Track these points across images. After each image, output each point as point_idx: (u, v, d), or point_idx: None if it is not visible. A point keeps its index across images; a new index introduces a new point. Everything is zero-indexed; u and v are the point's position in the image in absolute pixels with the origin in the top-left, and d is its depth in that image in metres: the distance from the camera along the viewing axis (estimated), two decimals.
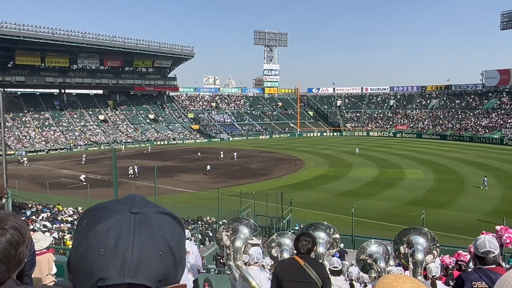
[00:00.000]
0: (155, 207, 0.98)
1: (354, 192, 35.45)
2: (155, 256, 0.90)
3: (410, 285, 1.22)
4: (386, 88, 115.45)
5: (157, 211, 0.97)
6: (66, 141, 75.12)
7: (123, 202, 0.98)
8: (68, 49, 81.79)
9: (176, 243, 0.95)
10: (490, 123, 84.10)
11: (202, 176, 44.46)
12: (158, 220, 0.94)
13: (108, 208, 0.95)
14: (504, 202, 30.94)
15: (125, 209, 0.94)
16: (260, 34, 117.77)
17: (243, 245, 4.69)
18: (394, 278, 1.27)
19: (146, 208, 0.96)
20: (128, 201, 0.98)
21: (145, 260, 0.88)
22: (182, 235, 1.00)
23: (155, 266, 0.89)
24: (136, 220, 0.91)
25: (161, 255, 0.91)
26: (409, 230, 4.18)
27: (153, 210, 0.96)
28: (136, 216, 0.92)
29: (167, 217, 0.98)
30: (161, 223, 0.94)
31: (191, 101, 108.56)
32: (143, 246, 0.89)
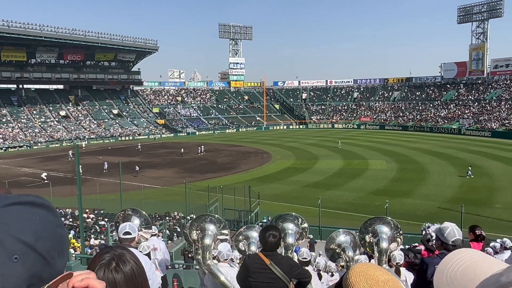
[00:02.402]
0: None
1: (320, 183, 35.98)
2: (10, 262, 0.73)
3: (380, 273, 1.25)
4: (350, 81, 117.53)
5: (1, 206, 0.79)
6: (25, 138, 72.41)
7: None
8: (25, 42, 78.60)
9: (34, 235, 0.78)
10: (448, 114, 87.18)
11: (168, 171, 43.97)
12: (3, 218, 0.77)
13: None
14: (462, 189, 32.23)
15: None
16: (225, 27, 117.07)
17: (213, 242, 4.68)
18: (366, 266, 1.30)
19: None
20: None
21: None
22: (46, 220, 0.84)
23: (14, 274, 0.73)
24: None
25: (18, 259, 0.74)
26: (373, 220, 4.29)
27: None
28: None
29: (17, 208, 0.81)
30: (7, 221, 0.77)
31: (156, 95, 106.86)
32: None
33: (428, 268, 3.59)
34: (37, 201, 0.86)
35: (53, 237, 0.83)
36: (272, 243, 3.63)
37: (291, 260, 3.90)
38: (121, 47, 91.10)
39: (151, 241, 6.81)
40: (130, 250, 1.43)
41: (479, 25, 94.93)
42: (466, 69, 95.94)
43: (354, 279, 1.24)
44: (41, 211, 0.84)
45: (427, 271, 3.58)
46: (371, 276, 1.24)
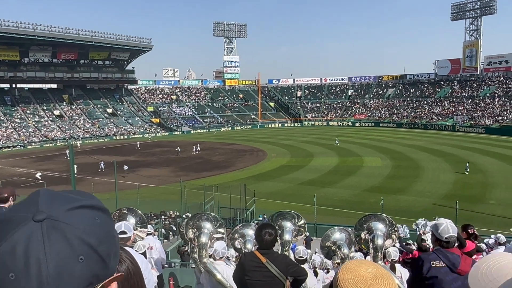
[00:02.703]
0: (64, 204, 0.86)
1: (315, 181, 36.04)
2: (76, 263, 0.80)
3: (372, 270, 1.26)
4: (345, 79, 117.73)
5: (68, 209, 0.85)
6: (19, 138, 71.97)
7: (24, 207, 0.84)
8: (18, 41, 78.04)
9: (97, 239, 0.84)
10: (442, 110, 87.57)
11: (163, 170, 43.89)
12: (70, 220, 0.83)
13: (9, 221, 0.82)
14: (457, 186, 32.40)
15: (28, 217, 0.81)
16: (219, 25, 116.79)
17: (209, 241, 4.68)
18: (357, 263, 1.30)
19: (54, 208, 0.83)
20: (31, 204, 0.84)
21: (65, 271, 0.78)
22: (106, 224, 0.90)
23: (79, 273, 0.79)
24: (44, 228, 0.79)
25: (83, 259, 0.81)
26: (368, 217, 4.31)
27: (62, 209, 0.84)
28: (43, 223, 0.80)
29: (82, 211, 0.86)
30: (74, 223, 0.83)
31: (150, 94, 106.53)
32: (58, 257, 0.78)
33: (424, 264, 3.61)
34: (97, 204, 0.91)
35: (110, 240, 0.89)
36: (268, 241, 3.63)
37: (287, 258, 3.90)
38: (115, 45, 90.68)
39: (146, 240, 6.81)
40: (125, 250, 1.43)
41: (472, 22, 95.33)
42: (460, 66, 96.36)
43: (342, 282, 1.25)
44: (101, 214, 0.90)
45: (423, 267, 3.60)
46: (358, 276, 1.24)
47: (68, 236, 0.80)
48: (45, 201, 0.85)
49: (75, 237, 0.81)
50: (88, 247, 0.82)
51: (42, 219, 0.80)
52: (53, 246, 0.78)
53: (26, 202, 0.87)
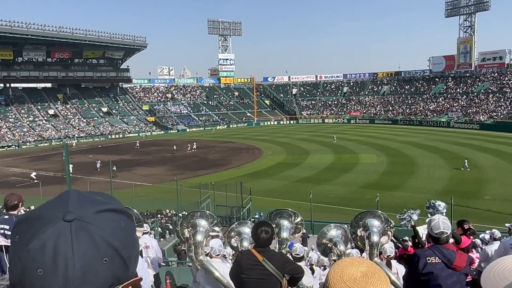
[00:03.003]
0: (93, 206, 0.89)
1: (311, 178, 36.09)
2: (100, 264, 0.83)
3: (363, 268, 1.25)
4: (340, 76, 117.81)
5: (96, 211, 0.88)
6: (13, 138, 71.58)
7: (55, 206, 0.88)
8: (12, 40, 77.48)
9: (121, 242, 0.87)
10: (437, 107, 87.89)
11: (159, 168, 43.80)
12: (98, 222, 0.86)
13: (40, 219, 0.85)
14: (452, 182, 32.55)
15: (58, 217, 0.84)
16: (214, 23, 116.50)
17: (204, 239, 4.67)
18: (349, 261, 1.29)
19: (83, 209, 0.87)
20: (61, 204, 0.88)
21: (91, 271, 0.81)
22: (129, 229, 0.93)
23: (102, 274, 0.83)
24: (73, 228, 0.83)
25: (107, 261, 0.84)
26: (364, 214, 4.32)
27: (90, 211, 0.87)
28: (72, 224, 0.83)
29: (109, 214, 0.89)
30: (101, 225, 0.86)
31: (145, 92, 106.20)
32: (85, 257, 0.81)
33: (420, 260, 3.62)
34: (122, 208, 0.94)
35: (132, 243, 0.92)
36: (265, 239, 3.63)
37: (284, 256, 3.89)
38: (110, 44, 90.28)
39: (143, 239, 6.80)
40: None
41: (466, 18, 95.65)
42: (454, 62, 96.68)
43: (331, 281, 1.24)
44: (125, 219, 0.93)
45: (418, 263, 3.62)
46: (348, 275, 1.23)
47: (95, 237, 0.83)
48: (74, 202, 0.88)
49: (101, 239, 0.84)
50: (113, 249, 0.85)
51: (72, 219, 0.83)
52: (81, 246, 0.81)
53: (56, 201, 0.90)
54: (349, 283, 1.21)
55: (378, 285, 1.21)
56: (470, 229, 7.36)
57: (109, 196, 0.97)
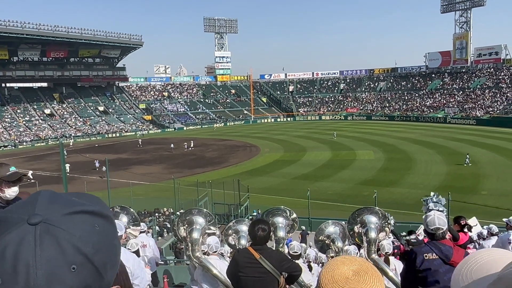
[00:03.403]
0: (64, 207, 0.80)
1: (309, 175, 36.12)
2: (67, 272, 0.74)
3: (356, 267, 1.22)
4: (336, 73, 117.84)
5: (66, 213, 0.79)
6: (10, 138, 71.29)
7: (21, 208, 0.80)
8: (7, 40, 77.01)
9: (93, 247, 0.78)
10: (434, 103, 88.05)
11: (156, 167, 43.73)
12: (66, 225, 0.77)
13: (3, 222, 0.77)
14: (449, 177, 32.64)
15: (22, 219, 0.76)
16: (210, 21, 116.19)
17: (201, 236, 4.66)
18: (340, 260, 1.27)
19: (51, 211, 0.78)
20: (28, 206, 0.79)
21: (55, 279, 0.73)
22: (107, 232, 0.84)
23: (70, 283, 0.74)
24: (37, 232, 0.74)
25: (75, 269, 0.75)
26: (361, 210, 4.31)
27: (60, 212, 0.79)
28: (37, 227, 0.75)
29: (81, 216, 0.80)
30: (70, 229, 0.77)
31: (142, 91, 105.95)
32: (49, 264, 0.73)
33: (417, 256, 3.61)
34: (100, 211, 0.85)
35: (109, 249, 0.83)
36: (262, 237, 3.61)
37: (281, 254, 3.88)
38: (105, 43, 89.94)
39: (140, 238, 6.78)
40: None
41: (462, 14, 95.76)
42: (450, 58, 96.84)
43: (323, 281, 1.22)
44: (103, 222, 0.84)
45: (416, 260, 3.61)
46: (339, 274, 1.21)
47: (61, 242, 0.75)
48: (43, 203, 0.80)
49: (69, 244, 0.76)
50: (83, 255, 0.77)
51: (37, 222, 0.76)
52: (45, 252, 0.73)
53: (24, 202, 0.82)
54: (340, 283, 1.19)
55: (371, 282, 1.18)
56: (466, 225, 7.38)
57: (91, 196, 0.89)
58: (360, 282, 1.18)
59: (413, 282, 3.69)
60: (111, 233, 0.86)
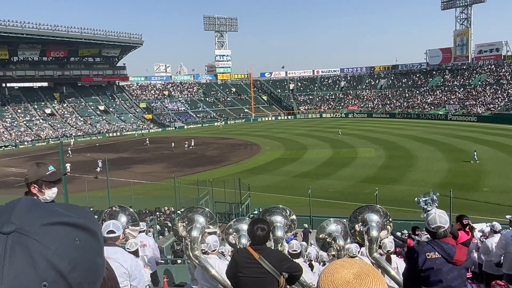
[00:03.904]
0: (43, 217, 0.72)
1: (310, 173, 36.06)
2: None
3: (356, 270, 1.17)
4: (337, 70, 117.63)
5: (44, 223, 0.71)
6: (10, 138, 71.32)
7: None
8: (7, 40, 76.99)
9: (69, 263, 0.69)
10: (435, 100, 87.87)
11: (157, 166, 43.70)
12: (42, 237, 0.69)
13: None
14: (450, 174, 32.56)
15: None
16: (210, 19, 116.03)
17: (200, 235, 4.60)
18: (339, 264, 1.22)
19: (28, 220, 0.70)
20: (4, 213, 0.71)
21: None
22: (87, 248, 0.74)
23: None
24: (9, 242, 0.66)
25: (46, 286, 0.66)
26: (363, 209, 4.25)
27: (38, 223, 0.70)
28: (9, 237, 0.67)
29: (60, 228, 0.71)
30: (45, 242, 0.68)
31: (142, 90, 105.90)
32: (16, 279, 0.64)
33: (419, 256, 3.55)
34: (83, 224, 0.76)
35: (89, 267, 0.74)
36: (261, 237, 3.55)
37: (281, 254, 3.82)
38: (105, 42, 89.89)
39: (139, 237, 6.73)
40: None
41: (462, 10, 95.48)
42: (451, 55, 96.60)
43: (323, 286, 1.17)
44: (85, 236, 0.75)
45: (418, 259, 3.55)
46: (340, 279, 1.17)
47: (34, 255, 0.67)
48: (21, 211, 0.72)
49: (42, 258, 0.67)
50: (56, 272, 0.68)
51: (10, 232, 0.68)
52: (14, 265, 0.65)
53: (2, 209, 0.74)
54: (341, 287, 1.15)
55: (373, 286, 1.15)
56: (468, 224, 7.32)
57: (80, 209, 0.81)
58: (362, 285, 1.13)
59: (415, 281, 3.63)
60: (94, 250, 0.76)
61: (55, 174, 3.12)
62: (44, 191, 3.08)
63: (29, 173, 3.10)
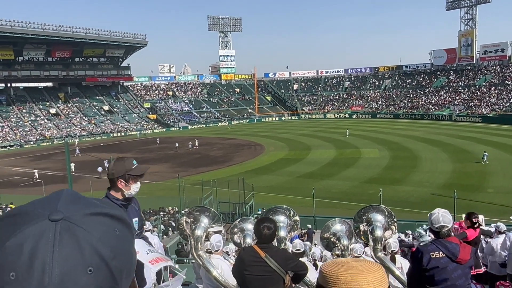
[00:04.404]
0: (85, 208, 0.78)
1: (314, 173, 36.03)
2: (83, 274, 0.71)
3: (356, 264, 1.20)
4: (341, 71, 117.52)
5: (88, 213, 0.77)
6: (15, 138, 71.70)
7: (44, 204, 0.77)
8: (12, 40, 77.49)
9: (111, 251, 0.75)
10: (439, 100, 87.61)
11: (161, 166, 43.78)
12: (87, 225, 0.75)
13: (24, 215, 0.75)
14: (455, 175, 32.45)
15: (43, 215, 0.74)
16: (214, 20, 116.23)
17: (204, 234, 4.64)
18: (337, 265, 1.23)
19: (73, 210, 0.76)
20: (51, 202, 0.77)
21: (71, 280, 0.69)
22: (125, 238, 0.81)
23: (83, 286, 0.71)
24: (57, 229, 0.72)
25: (92, 271, 0.72)
26: (367, 208, 4.27)
27: (81, 212, 0.76)
28: (58, 224, 0.72)
29: (102, 219, 0.78)
30: (90, 230, 0.74)
31: (146, 90, 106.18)
32: (66, 263, 0.70)
33: (424, 256, 3.57)
34: (120, 216, 0.83)
35: (126, 256, 0.80)
36: (267, 235, 3.59)
37: (287, 253, 3.85)
38: (110, 42, 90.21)
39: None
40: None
41: (467, 11, 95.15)
42: (456, 55, 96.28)
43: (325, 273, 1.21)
44: (122, 227, 0.81)
45: (422, 259, 3.57)
46: (339, 261, 1.22)
47: (81, 242, 0.73)
48: (66, 201, 0.78)
49: (88, 245, 0.73)
50: (100, 258, 0.73)
51: (58, 219, 0.73)
52: (63, 251, 0.71)
53: (46, 198, 0.80)
54: (343, 268, 1.18)
55: (372, 277, 1.16)
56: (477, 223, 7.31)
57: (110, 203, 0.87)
58: (358, 265, 1.17)
59: (419, 281, 3.65)
60: (129, 240, 0.83)
61: (140, 168, 3.12)
62: (130, 185, 3.10)
63: (116, 167, 3.11)
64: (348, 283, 1.14)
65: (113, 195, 3.14)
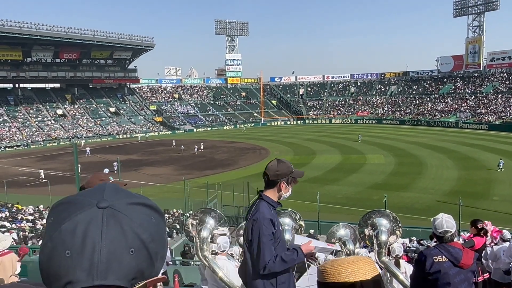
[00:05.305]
0: (127, 198, 0.91)
1: (318, 178, 35.98)
2: (126, 254, 0.84)
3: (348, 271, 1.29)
4: (347, 76, 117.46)
5: (129, 203, 0.90)
6: (22, 138, 72.23)
7: (91, 194, 0.91)
8: (21, 41, 78.21)
9: (149, 236, 0.88)
10: (445, 107, 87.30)
11: (167, 168, 43.95)
12: (129, 213, 0.87)
13: (75, 203, 0.88)
14: (460, 182, 32.31)
15: (92, 203, 0.87)
16: (221, 23, 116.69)
17: (209, 235, 4.71)
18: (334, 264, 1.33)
19: (117, 199, 0.89)
20: (97, 193, 0.91)
21: (116, 258, 0.82)
22: (160, 225, 0.93)
23: (127, 264, 0.84)
24: (105, 215, 0.85)
25: (133, 252, 0.85)
26: (372, 213, 4.32)
27: (124, 201, 0.89)
28: (105, 211, 0.86)
29: (141, 208, 0.91)
30: (132, 216, 0.87)
31: (153, 93, 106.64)
32: (112, 244, 0.83)
33: (427, 259, 3.63)
34: (156, 206, 0.95)
35: (161, 241, 0.92)
36: None
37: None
38: (117, 44, 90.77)
39: None
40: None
41: (475, 18, 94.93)
42: (463, 62, 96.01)
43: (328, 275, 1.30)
44: (157, 216, 0.94)
45: (425, 263, 3.62)
46: (336, 260, 1.32)
47: (124, 227, 0.85)
48: (110, 192, 0.91)
49: (130, 230, 0.85)
50: (140, 241, 0.86)
51: (105, 207, 0.86)
52: (109, 233, 0.83)
53: (93, 190, 0.93)
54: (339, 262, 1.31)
55: (361, 266, 1.27)
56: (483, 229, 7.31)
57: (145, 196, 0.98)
58: (348, 270, 1.26)
59: (422, 285, 3.70)
60: (162, 228, 0.95)
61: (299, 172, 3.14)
62: (289, 188, 3.12)
63: (281, 168, 3.11)
64: (338, 273, 1.25)
65: (269, 196, 3.13)
